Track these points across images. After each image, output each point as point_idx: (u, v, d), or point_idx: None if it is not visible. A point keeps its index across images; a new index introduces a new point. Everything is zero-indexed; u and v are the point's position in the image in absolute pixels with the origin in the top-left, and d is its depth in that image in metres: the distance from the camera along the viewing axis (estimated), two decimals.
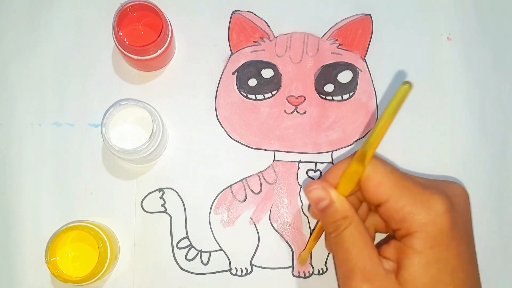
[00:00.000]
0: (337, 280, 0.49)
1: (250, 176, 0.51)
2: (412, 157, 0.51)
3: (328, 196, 0.40)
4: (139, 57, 0.48)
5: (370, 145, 0.37)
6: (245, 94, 0.52)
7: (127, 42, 0.48)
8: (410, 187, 0.39)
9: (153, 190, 0.50)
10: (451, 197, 0.39)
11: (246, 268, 0.49)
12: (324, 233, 0.47)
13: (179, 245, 0.50)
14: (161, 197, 0.50)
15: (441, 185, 0.41)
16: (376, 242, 0.46)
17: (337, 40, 0.53)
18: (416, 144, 0.51)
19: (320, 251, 0.50)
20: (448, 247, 0.38)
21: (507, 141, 0.52)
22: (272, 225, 0.50)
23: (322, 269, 0.50)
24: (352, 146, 0.51)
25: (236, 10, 0.53)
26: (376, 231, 0.45)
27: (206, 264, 0.50)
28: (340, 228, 0.40)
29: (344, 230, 0.39)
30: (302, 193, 0.51)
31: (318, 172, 0.51)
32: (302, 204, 0.51)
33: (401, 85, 0.34)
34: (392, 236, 0.42)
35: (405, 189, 0.38)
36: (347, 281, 0.39)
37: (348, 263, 0.39)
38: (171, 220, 0.50)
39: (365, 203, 0.44)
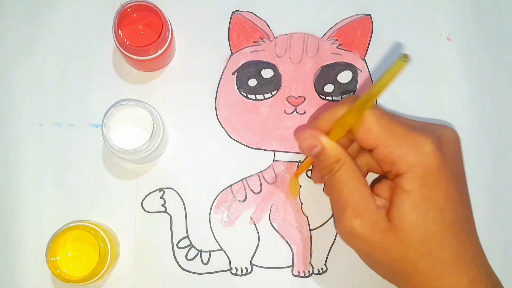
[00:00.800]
0: (334, 222, 0.50)
1: (250, 176, 0.51)
2: None
3: (319, 142, 0.41)
4: (139, 57, 0.48)
5: (368, 99, 0.38)
6: (245, 94, 0.52)
7: (127, 43, 0.48)
8: (398, 131, 0.39)
9: (154, 190, 0.51)
10: (440, 138, 0.40)
11: (246, 268, 0.50)
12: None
13: (180, 245, 0.50)
14: (161, 197, 0.50)
15: (431, 127, 0.42)
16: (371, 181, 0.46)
17: (337, 40, 0.53)
18: None
19: (320, 250, 0.50)
20: (436, 187, 0.39)
21: (507, 141, 0.52)
22: (272, 225, 0.50)
23: (322, 268, 0.50)
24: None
25: (236, 10, 0.53)
26: (369, 170, 0.46)
27: (206, 264, 0.50)
28: (333, 171, 0.41)
29: (336, 172, 0.41)
30: (302, 193, 0.51)
31: None
32: (302, 204, 0.51)
33: (398, 58, 0.35)
34: (386, 176, 0.43)
35: (393, 133, 0.39)
36: (339, 218, 0.40)
37: (340, 200, 0.40)
38: (171, 220, 0.50)
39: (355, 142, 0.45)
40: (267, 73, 0.52)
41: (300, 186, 0.51)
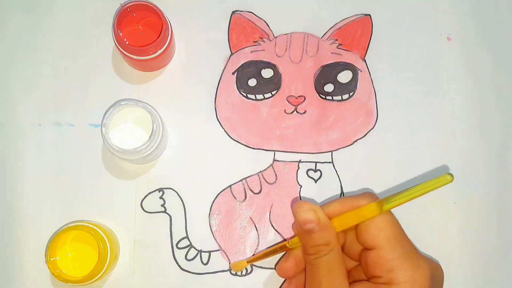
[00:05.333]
0: None
1: (250, 176, 0.51)
2: (412, 157, 0.51)
3: (316, 219, 0.39)
4: (139, 57, 0.48)
5: (396, 201, 0.38)
6: (245, 94, 0.52)
7: (127, 42, 0.48)
8: (404, 243, 0.39)
9: (153, 190, 0.50)
10: (433, 270, 0.39)
11: (246, 268, 0.49)
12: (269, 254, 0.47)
13: (179, 245, 0.50)
14: (161, 197, 0.50)
15: (427, 258, 0.41)
16: None
17: (337, 40, 0.53)
18: (416, 144, 0.51)
19: None
20: None
21: (507, 141, 0.52)
22: (272, 225, 0.50)
23: None
24: (351, 146, 0.51)
25: (236, 10, 0.53)
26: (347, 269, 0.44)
27: (206, 264, 0.50)
28: (320, 253, 0.39)
29: (323, 256, 0.39)
30: (302, 193, 0.51)
31: (318, 172, 0.51)
32: None
33: (445, 175, 0.35)
34: (357, 278, 0.42)
35: (400, 243, 0.39)
36: None
37: (317, 287, 0.39)
38: (171, 220, 0.50)
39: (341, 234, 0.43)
40: (267, 73, 0.52)
41: (301, 186, 0.51)
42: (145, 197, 0.50)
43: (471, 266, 0.50)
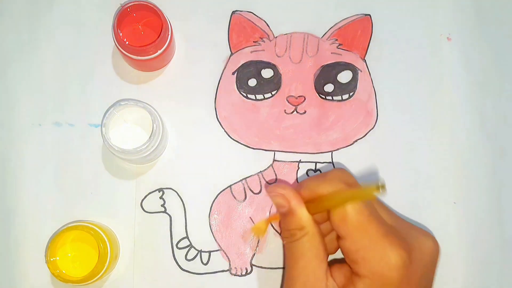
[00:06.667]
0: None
1: (250, 176, 0.51)
2: (412, 157, 0.51)
3: (287, 204, 0.40)
4: (139, 57, 0.48)
5: (353, 198, 0.37)
6: (245, 94, 0.52)
7: (127, 42, 0.48)
8: (371, 232, 0.38)
9: (153, 190, 0.50)
10: (414, 249, 0.38)
11: (246, 268, 0.50)
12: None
13: (179, 245, 0.50)
14: (161, 197, 0.50)
15: (409, 234, 0.40)
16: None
17: (337, 40, 0.53)
18: (416, 144, 0.51)
19: None
20: None
21: (507, 141, 0.52)
22: (272, 225, 0.50)
23: None
24: (351, 146, 0.51)
25: (236, 10, 0.53)
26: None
27: (206, 264, 0.50)
28: (293, 238, 0.40)
29: (295, 241, 0.39)
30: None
31: (318, 172, 0.51)
32: None
33: (375, 186, 0.33)
34: None
35: (365, 232, 0.38)
36: None
37: (293, 271, 0.40)
38: (171, 220, 0.50)
39: None
40: (267, 73, 0.52)
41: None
42: (145, 197, 0.50)
43: (471, 266, 0.50)
